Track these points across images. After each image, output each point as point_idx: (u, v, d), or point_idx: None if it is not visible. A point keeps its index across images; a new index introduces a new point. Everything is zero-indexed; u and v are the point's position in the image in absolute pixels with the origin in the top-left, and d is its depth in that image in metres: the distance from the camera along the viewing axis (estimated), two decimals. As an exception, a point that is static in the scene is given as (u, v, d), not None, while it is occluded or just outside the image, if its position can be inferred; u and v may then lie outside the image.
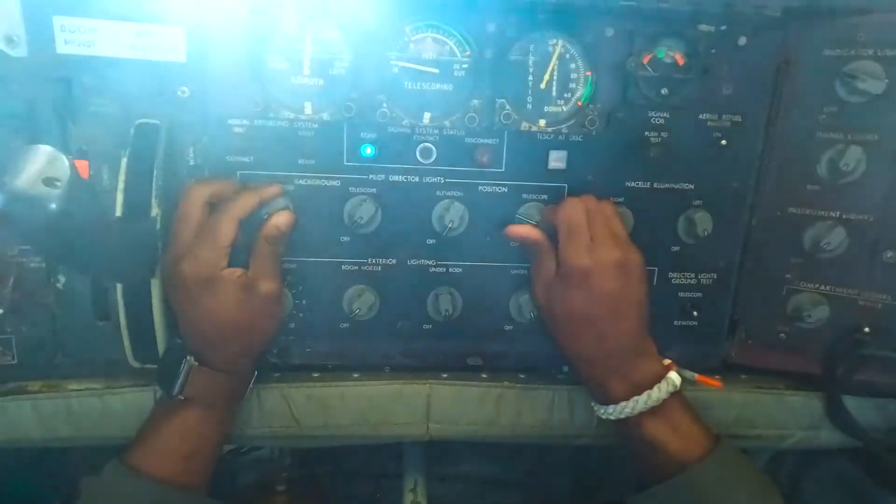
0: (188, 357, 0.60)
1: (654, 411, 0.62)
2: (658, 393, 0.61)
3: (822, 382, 0.73)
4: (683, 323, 0.76)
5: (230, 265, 0.59)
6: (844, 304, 0.70)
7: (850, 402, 0.73)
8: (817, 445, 0.76)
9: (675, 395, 0.63)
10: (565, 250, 0.63)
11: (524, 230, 0.67)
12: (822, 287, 0.71)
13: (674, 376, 0.63)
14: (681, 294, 0.75)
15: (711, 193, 0.72)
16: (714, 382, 0.67)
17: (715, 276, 0.75)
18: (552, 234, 0.66)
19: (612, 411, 0.63)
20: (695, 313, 0.75)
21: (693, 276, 0.75)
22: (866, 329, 0.69)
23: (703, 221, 0.71)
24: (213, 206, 0.61)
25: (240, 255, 0.60)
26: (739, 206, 0.73)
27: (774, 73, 0.69)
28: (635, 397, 0.62)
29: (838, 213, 0.68)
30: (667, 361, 0.65)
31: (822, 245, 0.68)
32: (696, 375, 0.66)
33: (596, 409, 0.66)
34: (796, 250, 0.71)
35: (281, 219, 0.62)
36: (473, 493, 1.20)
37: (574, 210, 0.64)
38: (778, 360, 0.75)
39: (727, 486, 0.60)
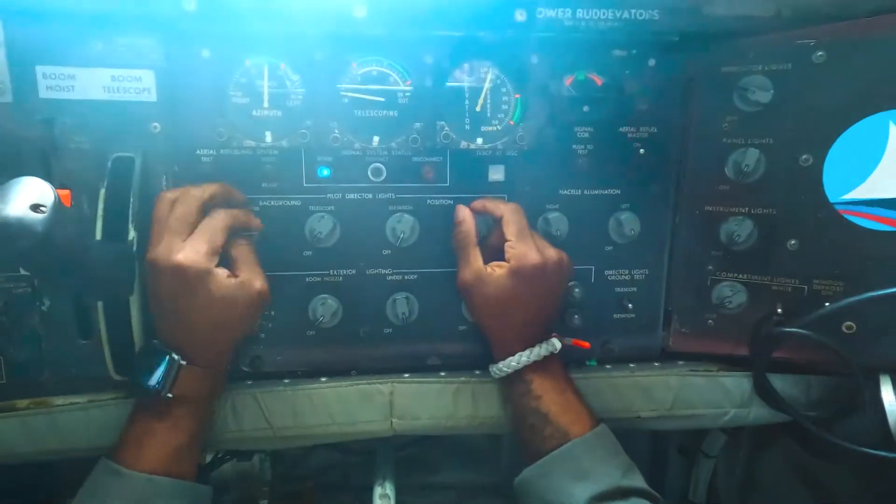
0: (175, 356, 0.64)
1: (542, 373, 0.72)
2: (539, 349, 0.72)
3: (748, 363, 0.81)
4: (621, 316, 0.83)
5: None
6: (760, 289, 0.78)
7: (776, 381, 0.80)
8: (750, 421, 0.82)
9: (560, 370, 0.74)
10: (518, 247, 0.71)
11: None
12: (740, 275, 0.79)
13: (554, 340, 0.74)
14: (617, 290, 0.83)
15: (636, 197, 0.80)
16: (584, 344, 0.78)
17: (647, 272, 0.83)
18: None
19: (503, 365, 0.73)
20: (630, 306, 0.82)
21: (627, 272, 0.82)
22: (780, 311, 0.77)
23: (631, 222, 0.79)
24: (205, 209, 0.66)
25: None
26: (662, 207, 0.81)
27: (682, 89, 0.78)
28: (521, 352, 0.72)
29: (746, 208, 0.77)
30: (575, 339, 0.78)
31: (735, 238, 0.76)
32: (572, 340, 0.78)
33: (492, 369, 0.75)
34: (715, 244, 0.79)
35: (255, 221, 0.71)
36: (452, 501, 1.24)
37: (520, 213, 0.73)
38: (709, 345, 0.83)
39: (603, 460, 0.68)
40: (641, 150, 0.79)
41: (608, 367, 0.83)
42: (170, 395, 0.64)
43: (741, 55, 0.74)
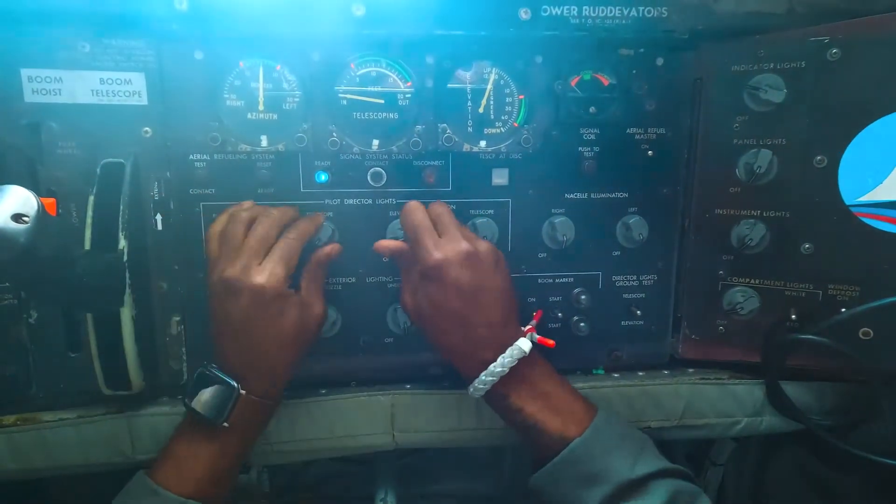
0: (234, 384, 0.63)
1: (516, 384, 0.65)
2: (504, 359, 0.63)
3: (760, 370, 0.79)
4: (630, 323, 0.81)
5: None
6: (772, 295, 0.76)
7: (789, 388, 0.78)
8: (763, 430, 0.80)
9: (537, 374, 0.66)
10: (417, 251, 0.66)
11: (387, 244, 0.70)
12: (752, 280, 0.77)
13: (522, 342, 0.64)
14: (625, 296, 0.80)
15: (644, 200, 0.78)
16: (548, 342, 0.68)
17: (655, 278, 0.80)
18: None
19: (474, 387, 0.65)
20: (639, 313, 0.80)
21: (635, 278, 0.80)
22: (793, 317, 0.74)
23: (639, 226, 0.77)
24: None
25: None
26: (671, 211, 0.79)
27: (691, 89, 0.76)
28: (490, 366, 0.64)
29: (759, 211, 0.74)
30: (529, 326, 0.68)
31: (747, 242, 0.74)
32: (537, 338, 0.68)
33: (469, 392, 0.67)
34: (726, 248, 0.77)
35: (334, 248, 0.70)
36: (451, 510, 1.22)
37: (415, 213, 0.67)
38: (720, 352, 0.80)
39: (608, 454, 0.63)
40: (649, 152, 0.76)
41: (616, 375, 0.81)
42: (226, 424, 0.62)
43: (752, 53, 0.72)
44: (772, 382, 0.77)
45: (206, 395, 0.63)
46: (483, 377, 0.64)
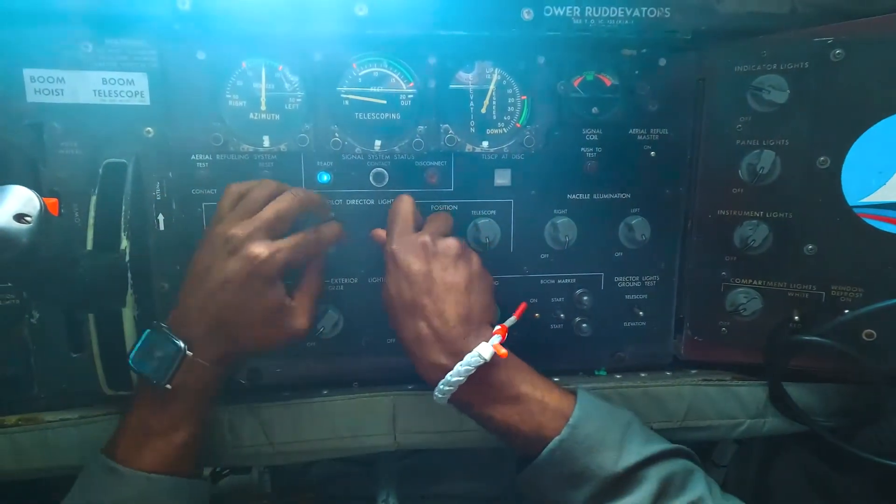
0: (181, 344, 0.60)
1: (478, 392, 0.62)
2: (459, 368, 0.60)
3: (763, 371, 0.78)
4: (632, 324, 0.81)
5: None
6: (775, 296, 0.75)
7: (792, 389, 0.77)
8: (766, 432, 0.80)
9: (502, 378, 0.62)
10: (387, 240, 0.66)
11: (380, 233, 0.70)
12: (755, 281, 0.76)
13: (482, 348, 0.60)
14: (627, 297, 0.80)
15: (647, 201, 0.78)
16: (502, 354, 0.61)
17: (657, 278, 0.80)
18: None
19: (436, 395, 0.63)
20: (641, 314, 0.80)
21: (637, 279, 0.80)
22: (796, 318, 0.74)
23: (641, 227, 0.77)
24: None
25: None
26: (673, 211, 0.78)
27: (694, 89, 0.76)
28: (448, 374, 0.61)
29: (761, 212, 0.74)
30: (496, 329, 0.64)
31: (750, 242, 0.74)
32: (494, 344, 0.62)
33: (434, 396, 0.64)
34: (728, 249, 0.76)
35: (335, 229, 0.69)
36: (453, 511, 1.21)
37: (400, 203, 0.68)
38: (722, 353, 0.80)
39: (592, 451, 0.60)
40: (652, 153, 0.76)
41: (618, 376, 0.81)
42: (168, 386, 0.60)
43: (755, 54, 0.71)
44: (775, 383, 0.77)
45: (152, 355, 0.60)
46: (441, 386, 0.62)
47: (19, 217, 0.49)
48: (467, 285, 0.64)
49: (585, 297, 0.78)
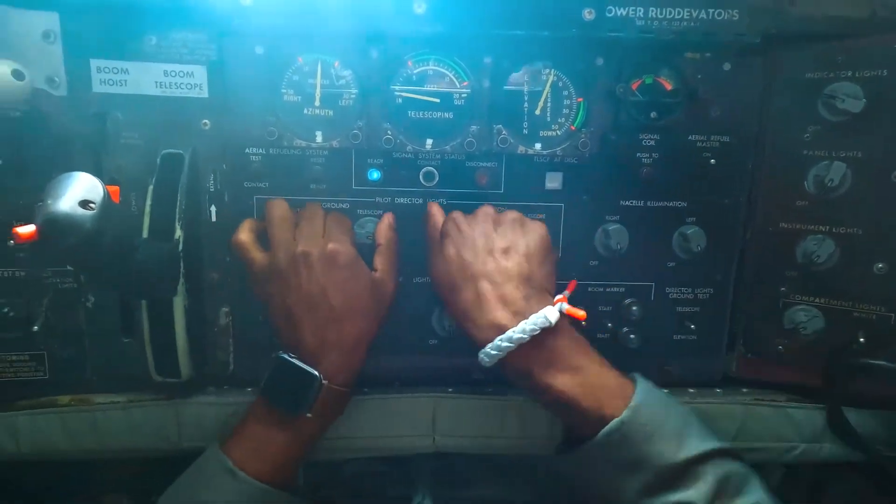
0: (317, 374, 0.62)
1: (542, 356, 0.59)
2: (525, 325, 0.58)
3: (822, 394, 0.74)
4: (682, 337, 0.78)
5: None
6: (839, 315, 0.72)
7: (853, 415, 0.73)
8: (822, 458, 0.76)
9: (566, 347, 0.60)
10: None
11: (438, 211, 0.70)
12: (817, 299, 0.73)
13: (548, 311, 0.59)
14: (678, 309, 0.77)
15: (704, 210, 0.75)
16: (579, 315, 0.61)
17: (711, 291, 0.77)
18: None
19: (489, 351, 0.60)
20: (692, 327, 0.77)
21: (690, 290, 0.77)
22: (861, 340, 0.70)
23: (697, 237, 0.74)
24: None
25: None
26: (732, 222, 0.75)
27: (760, 96, 0.72)
28: (504, 334, 0.59)
29: (828, 227, 0.71)
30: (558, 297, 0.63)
31: (814, 258, 0.70)
32: (566, 308, 0.61)
33: (480, 357, 0.62)
34: (790, 264, 0.73)
35: (389, 216, 0.71)
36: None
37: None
38: (777, 372, 0.77)
39: (651, 439, 0.58)
40: (712, 161, 0.73)
41: (666, 391, 0.78)
42: (309, 415, 0.62)
43: (829, 60, 0.68)
44: (834, 407, 0.73)
45: (286, 385, 0.63)
46: (498, 342, 0.59)
47: (84, 203, 0.50)
48: (531, 251, 0.64)
49: (634, 308, 0.76)
